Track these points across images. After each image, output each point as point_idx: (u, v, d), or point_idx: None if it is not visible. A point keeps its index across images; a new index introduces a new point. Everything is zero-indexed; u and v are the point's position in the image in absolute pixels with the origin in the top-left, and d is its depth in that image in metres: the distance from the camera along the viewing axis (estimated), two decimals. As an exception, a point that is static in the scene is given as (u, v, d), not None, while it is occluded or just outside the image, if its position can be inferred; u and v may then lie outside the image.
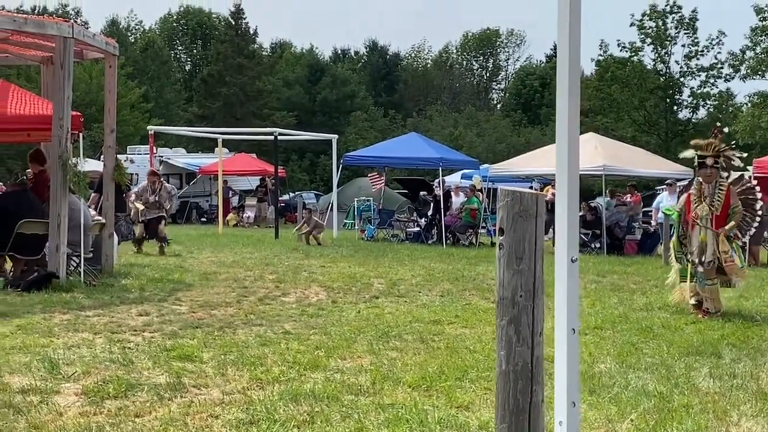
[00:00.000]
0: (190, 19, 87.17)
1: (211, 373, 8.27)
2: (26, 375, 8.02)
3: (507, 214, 3.31)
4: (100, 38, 18.58)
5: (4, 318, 11.16)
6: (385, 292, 14.91)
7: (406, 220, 31.31)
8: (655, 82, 60.32)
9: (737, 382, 8.16)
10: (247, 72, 73.94)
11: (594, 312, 12.82)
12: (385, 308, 12.93)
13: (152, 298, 13.61)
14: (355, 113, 77.99)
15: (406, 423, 6.52)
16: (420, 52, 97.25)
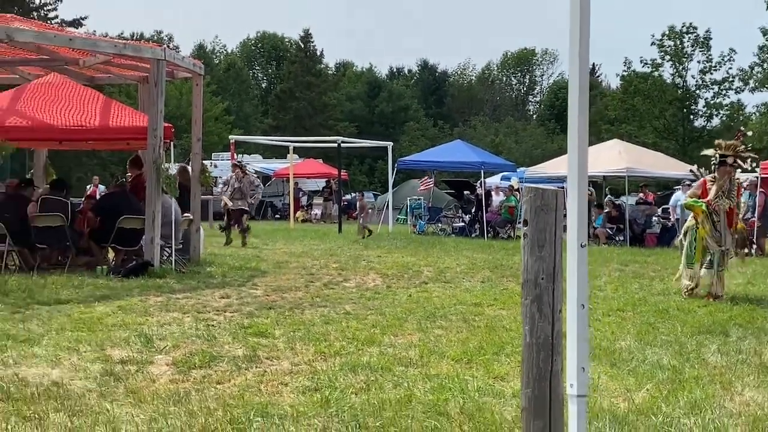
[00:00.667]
0: (266, 43, 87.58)
1: (281, 347, 8.42)
2: (125, 348, 8.22)
3: (530, 208, 3.35)
4: (189, 60, 18.79)
5: (107, 300, 11.37)
6: (433, 279, 14.93)
7: (452, 216, 31.23)
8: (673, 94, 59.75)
9: (742, 357, 8.15)
10: (314, 88, 74.21)
11: (617, 296, 12.77)
12: (433, 292, 12.96)
13: (233, 283, 13.78)
14: (408, 123, 77.88)
15: (449, 391, 6.58)
16: (465, 69, 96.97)
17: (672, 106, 59.54)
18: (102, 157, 43.04)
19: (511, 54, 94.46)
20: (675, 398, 6.48)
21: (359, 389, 6.62)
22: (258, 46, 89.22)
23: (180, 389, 6.61)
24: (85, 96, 17.05)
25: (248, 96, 78.67)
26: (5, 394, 6.35)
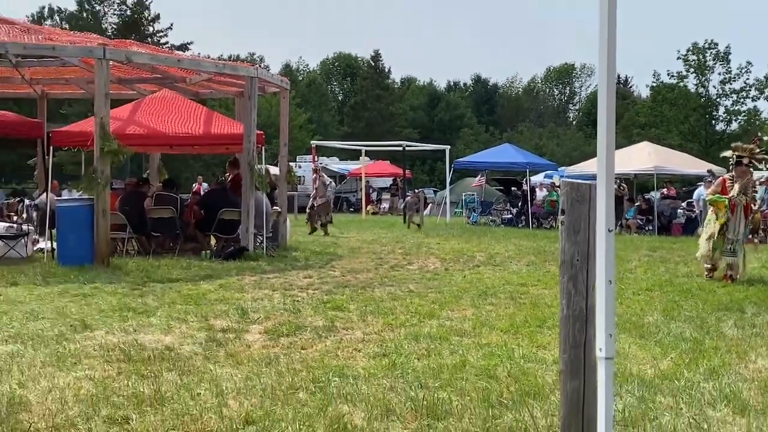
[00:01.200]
0: (341, 62, 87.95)
1: (355, 320, 8.49)
2: (225, 319, 8.36)
3: (567, 200, 3.36)
4: (277, 77, 18.97)
5: (209, 279, 11.56)
6: (485, 263, 14.88)
7: (501, 209, 31.04)
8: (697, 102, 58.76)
9: (756, 331, 8.03)
10: (383, 100, 74.34)
11: (645, 278, 12.61)
12: (484, 274, 12.91)
13: (314, 265, 13.87)
14: (463, 129, 77.53)
15: (498, 357, 6.59)
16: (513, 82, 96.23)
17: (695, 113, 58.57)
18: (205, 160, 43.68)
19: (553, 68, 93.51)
20: (696, 365, 6.43)
21: (421, 355, 6.69)
22: (335, 65, 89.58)
23: (270, 353, 6.75)
24: (191, 108, 17.34)
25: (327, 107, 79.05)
26: (127, 356, 6.54)
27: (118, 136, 13.84)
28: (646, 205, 26.65)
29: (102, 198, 13.25)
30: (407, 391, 5.50)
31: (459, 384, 5.72)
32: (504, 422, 4.86)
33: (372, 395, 5.40)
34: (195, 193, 23.44)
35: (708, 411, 5.21)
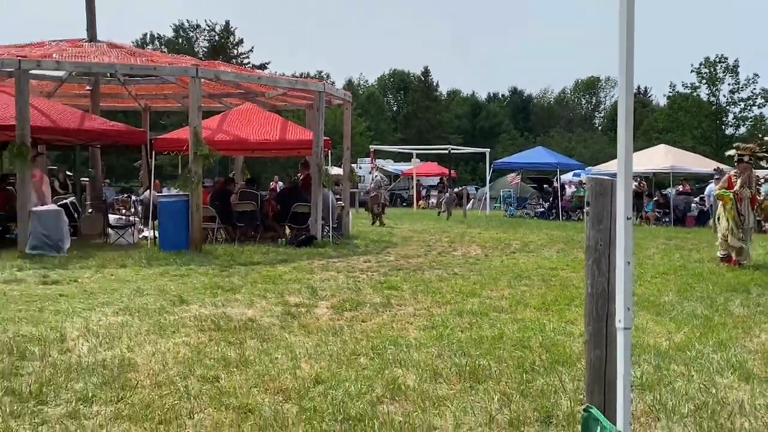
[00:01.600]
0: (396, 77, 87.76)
1: (407, 297, 8.50)
2: (298, 296, 8.46)
3: (591, 193, 3.34)
4: (341, 91, 19.10)
5: (284, 262, 11.67)
6: (520, 249, 14.78)
7: (535, 204, 30.83)
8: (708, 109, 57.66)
9: (760, 309, 7.91)
10: (431, 110, 74.08)
11: (662, 263, 12.41)
12: (519, 259, 12.82)
13: (372, 251, 13.92)
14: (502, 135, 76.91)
15: (531, 330, 6.57)
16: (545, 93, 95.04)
17: (707, 119, 57.49)
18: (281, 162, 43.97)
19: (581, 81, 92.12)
20: (705, 339, 6.35)
21: (464, 328, 6.70)
22: (390, 80, 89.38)
23: (336, 325, 6.83)
24: (269, 118, 17.57)
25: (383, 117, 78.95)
26: (216, 326, 6.67)
27: (208, 142, 14.10)
28: (663, 199, 26.30)
29: (195, 194, 13.54)
30: (452, 358, 5.54)
31: (497, 353, 5.73)
32: (536, 385, 4.87)
33: (422, 361, 5.45)
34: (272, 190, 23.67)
35: (716, 378, 5.15)
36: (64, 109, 16.30)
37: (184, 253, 12.57)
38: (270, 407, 4.40)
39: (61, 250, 12.36)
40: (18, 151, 12.79)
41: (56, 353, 5.62)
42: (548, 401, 4.53)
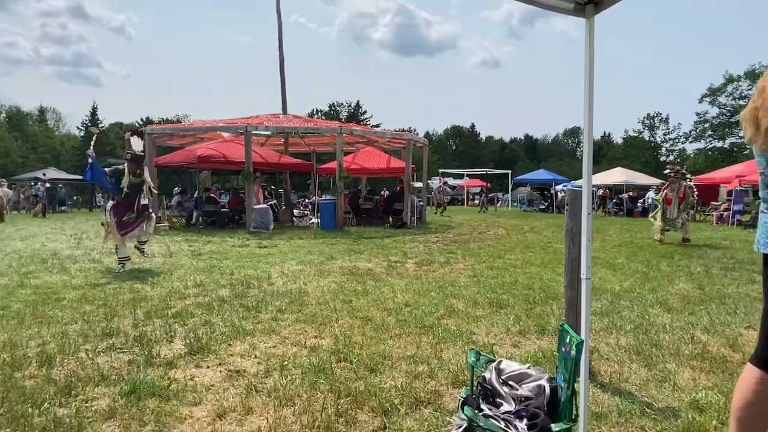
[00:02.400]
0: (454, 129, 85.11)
1: (459, 258, 8.35)
2: (396, 256, 8.41)
3: (569, 197, 3.25)
4: (422, 138, 18.94)
5: (389, 237, 11.62)
6: (528, 231, 14.19)
7: (538, 203, 29.69)
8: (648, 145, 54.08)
9: (679, 269, 7.32)
10: (475, 148, 72.44)
11: (617, 239, 11.66)
12: (528, 236, 12.34)
13: (439, 231, 13.71)
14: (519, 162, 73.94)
15: (534, 278, 6.36)
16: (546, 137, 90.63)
17: (648, 151, 53.92)
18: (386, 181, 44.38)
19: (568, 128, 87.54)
20: (643, 286, 5.98)
21: (493, 276, 6.55)
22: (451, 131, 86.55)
23: (418, 273, 6.81)
24: (381, 155, 17.70)
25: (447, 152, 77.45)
26: (351, 272, 6.76)
27: (347, 169, 14.43)
28: (619, 201, 24.77)
29: (339, 199, 13.87)
30: (485, 294, 5.47)
31: (513, 291, 5.62)
32: (536, 311, 4.75)
33: (467, 295, 5.41)
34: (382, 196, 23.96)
35: (649, 309, 4.86)
36: (269, 152, 17.05)
37: (333, 232, 12.87)
38: (379, 318, 4.50)
39: (268, 230, 12.97)
40: (245, 176, 13.50)
41: (265, 285, 5.88)
42: (543, 321, 4.43)
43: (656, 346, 3.77)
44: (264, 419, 2.63)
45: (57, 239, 10.96)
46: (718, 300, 5.29)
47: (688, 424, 2.56)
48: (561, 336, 1.98)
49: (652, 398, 2.89)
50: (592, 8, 2.15)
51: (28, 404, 2.74)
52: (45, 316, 4.48)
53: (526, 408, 1.63)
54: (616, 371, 3.30)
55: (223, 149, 14.86)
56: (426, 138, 21.10)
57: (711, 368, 3.35)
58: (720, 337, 4.01)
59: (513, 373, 1.81)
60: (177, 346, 3.74)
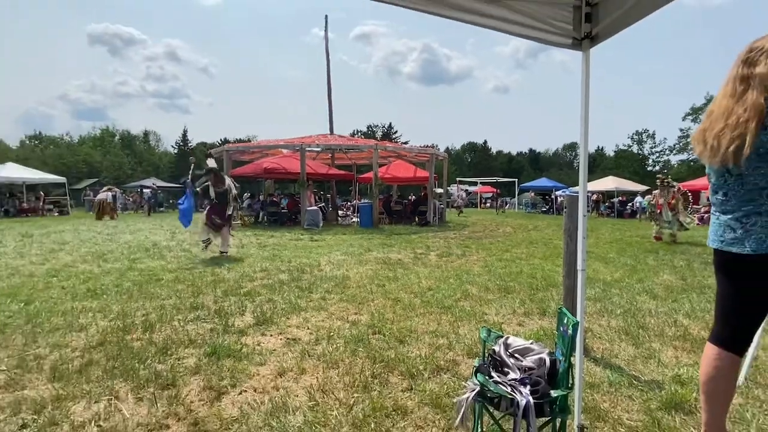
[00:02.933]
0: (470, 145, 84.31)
1: (473, 251, 8.11)
2: (421, 249, 8.23)
3: (567, 201, 3.14)
4: (443, 153, 18.57)
5: (415, 234, 11.38)
6: (532, 229, 13.69)
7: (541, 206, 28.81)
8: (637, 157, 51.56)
9: (664, 262, 6.95)
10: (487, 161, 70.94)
11: (609, 237, 11.15)
12: (532, 233, 11.89)
13: (456, 229, 13.41)
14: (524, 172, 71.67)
15: (537, 269, 6.17)
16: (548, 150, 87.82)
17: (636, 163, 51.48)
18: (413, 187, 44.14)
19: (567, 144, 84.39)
20: (632, 276, 5.71)
21: (502, 267, 6.37)
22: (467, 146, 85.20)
23: (439, 263, 6.70)
24: (409, 167, 17.55)
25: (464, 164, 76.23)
26: (384, 262, 6.70)
27: (381, 178, 14.42)
28: (611, 204, 23.73)
29: (375, 201, 13.87)
30: (495, 281, 5.35)
31: (519, 279, 5.47)
32: (538, 296, 4.61)
33: (480, 282, 5.31)
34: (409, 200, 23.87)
35: (637, 297, 4.64)
36: (320, 164, 17.27)
37: (370, 229, 12.81)
38: (407, 299, 4.46)
39: (318, 227, 13.09)
40: (300, 183, 13.72)
41: (316, 271, 5.90)
42: (544, 304, 4.30)
43: (643, 328, 3.60)
44: (315, 378, 2.67)
45: (156, 233, 11.44)
46: (699, 290, 4.99)
47: (671, 395, 2.44)
48: (560, 317, 1.93)
49: (639, 372, 2.76)
50: (588, 42, 2.08)
51: (135, 360, 2.89)
52: (148, 293, 4.70)
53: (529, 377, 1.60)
54: (607, 348, 3.17)
55: (283, 163, 15.17)
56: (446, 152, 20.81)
57: (692, 348, 3.17)
58: (700, 322, 3.79)
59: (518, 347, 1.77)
60: (247, 318, 3.85)
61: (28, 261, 6.53)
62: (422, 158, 19.48)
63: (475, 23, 2.00)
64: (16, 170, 20.07)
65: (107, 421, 2.22)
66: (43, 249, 7.87)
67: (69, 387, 2.54)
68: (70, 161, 41.83)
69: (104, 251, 7.67)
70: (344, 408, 2.34)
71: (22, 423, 2.19)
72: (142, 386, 2.57)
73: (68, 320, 3.72)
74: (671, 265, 6.68)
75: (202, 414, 2.30)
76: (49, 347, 3.13)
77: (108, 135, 50.81)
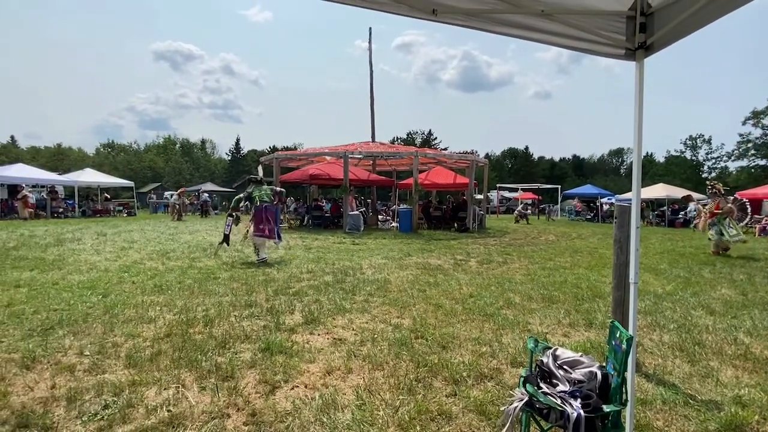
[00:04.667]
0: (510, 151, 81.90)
1: (515, 258, 7.86)
2: (461, 255, 8.11)
3: (618, 211, 3.01)
4: (482, 159, 18.18)
5: (454, 240, 11.24)
6: (576, 237, 13.08)
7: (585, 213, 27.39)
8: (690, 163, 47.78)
9: (721, 275, 6.41)
10: (528, 167, 68.59)
11: (659, 247, 10.38)
12: (576, 242, 11.40)
13: (497, 236, 13.11)
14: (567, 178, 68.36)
15: (582, 279, 5.92)
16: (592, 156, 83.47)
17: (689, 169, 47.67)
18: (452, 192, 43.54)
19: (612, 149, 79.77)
20: (685, 289, 5.32)
21: (545, 276, 6.16)
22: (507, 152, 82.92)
23: (479, 269, 6.58)
24: (448, 173, 17.36)
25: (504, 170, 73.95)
26: (424, 267, 6.62)
27: (421, 184, 14.37)
28: (661, 212, 22.17)
29: (414, 207, 13.83)
30: (538, 290, 5.19)
31: (563, 289, 5.27)
32: (584, 307, 4.43)
33: (523, 290, 5.17)
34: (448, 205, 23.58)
35: (691, 311, 4.32)
36: (362, 170, 17.51)
37: (409, 234, 12.78)
38: (448, 305, 4.43)
39: (360, 231, 13.23)
40: (343, 189, 13.99)
41: (358, 274, 5.95)
42: (590, 316, 4.12)
43: (699, 345, 3.35)
44: (361, 378, 2.74)
45: (212, 234, 12.06)
46: (761, 306, 4.56)
47: (731, 417, 2.26)
48: (611, 331, 1.86)
49: (696, 391, 2.58)
50: (642, 53, 2.00)
51: (198, 352, 3.09)
52: (207, 290, 4.98)
53: (580, 389, 1.56)
54: (660, 364, 2.99)
55: (327, 169, 15.54)
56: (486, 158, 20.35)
57: (754, 368, 2.91)
58: (764, 340, 3.47)
59: (567, 359, 1.74)
60: (296, 317, 4.00)
61: (104, 258, 7.01)
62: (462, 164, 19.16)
63: (526, 38, 1.99)
64: (93, 175, 22.11)
65: (176, 407, 2.40)
66: (116, 247, 8.52)
67: (142, 374, 2.75)
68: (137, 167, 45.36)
69: (167, 250, 8.21)
70: (390, 409, 2.38)
71: (104, 404, 2.42)
72: (205, 377, 2.74)
73: (139, 312, 4.04)
74: (730, 279, 6.15)
75: (259, 406, 2.42)
76: (124, 336, 3.41)
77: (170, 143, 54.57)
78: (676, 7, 1.84)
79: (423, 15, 1.85)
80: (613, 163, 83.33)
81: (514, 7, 1.90)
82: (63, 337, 3.34)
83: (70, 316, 3.85)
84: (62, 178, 20.69)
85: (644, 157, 65.95)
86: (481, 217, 16.03)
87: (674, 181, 43.64)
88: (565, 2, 1.91)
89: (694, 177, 47.43)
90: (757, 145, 40.55)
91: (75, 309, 4.05)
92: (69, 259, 6.78)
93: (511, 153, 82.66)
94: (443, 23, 1.91)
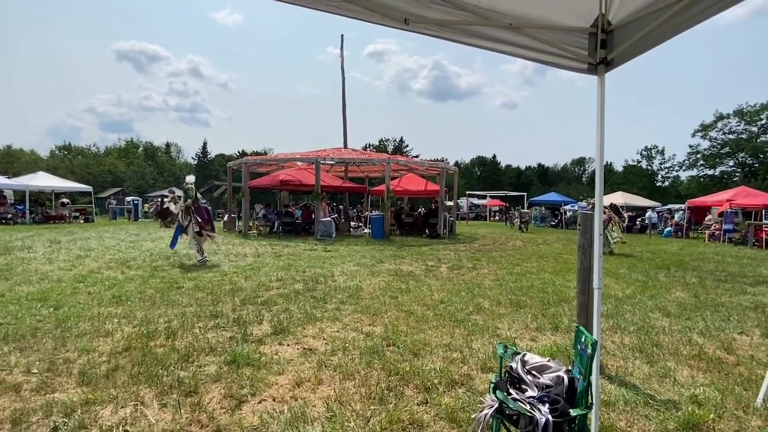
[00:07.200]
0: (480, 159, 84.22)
1: (484, 264, 7.97)
2: (432, 261, 8.08)
3: (581, 218, 3.12)
4: (452, 167, 18.43)
5: (425, 246, 11.24)
6: (541, 243, 13.54)
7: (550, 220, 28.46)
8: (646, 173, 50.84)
9: (675, 278, 6.77)
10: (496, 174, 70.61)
11: (621, 252, 11.00)
12: (541, 247, 11.71)
13: (467, 242, 13.24)
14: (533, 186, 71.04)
15: (548, 284, 6.07)
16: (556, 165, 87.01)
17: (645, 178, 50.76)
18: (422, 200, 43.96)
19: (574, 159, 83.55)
20: (643, 293, 5.59)
21: (513, 281, 6.28)
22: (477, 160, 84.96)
23: (450, 276, 6.61)
24: (419, 180, 17.55)
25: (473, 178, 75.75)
26: (395, 274, 6.59)
27: (393, 191, 14.40)
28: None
29: (386, 213, 13.83)
30: (506, 295, 5.28)
31: (530, 294, 5.40)
32: (550, 312, 4.55)
33: (492, 295, 5.24)
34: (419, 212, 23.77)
35: (650, 314, 4.54)
36: (333, 177, 17.37)
37: (381, 240, 12.72)
38: (420, 311, 4.43)
39: (332, 237, 13.07)
40: (315, 195, 13.81)
41: (329, 282, 5.88)
42: (556, 320, 4.23)
43: (657, 346, 3.52)
44: (332, 389, 2.67)
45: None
46: (713, 308, 4.86)
47: (688, 416, 2.37)
48: (577, 335, 1.90)
49: (655, 391, 2.69)
50: (603, 68, 2.09)
51: (159, 367, 2.92)
52: (170, 300, 4.74)
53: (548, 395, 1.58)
54: (622, 366, 3.11)
55: (298, 175, 15.34)
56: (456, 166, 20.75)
57: (708, 368, 3.08)
58: (715, 341, 3.68)
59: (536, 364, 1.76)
60: (265, 327, 3.87)
61: (57, 267, 6.65)
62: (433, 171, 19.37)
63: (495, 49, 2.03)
64: (46, 179, 20.65)
65: (134, 426, 2.24)
66: (70, 255, 8.02)
67: (97, 391, 2.57)
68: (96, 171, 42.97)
69: (127, 258, 7.78)
70: (361, 420, 2.32)
71: (53, 426, 2.23)
72: (166, 392, 2.58)
73: (95, 325, 3.77)
74: (683, 282, 6.52)
75: (224, 422, 2.31)
76: (78, 351, 3.18)
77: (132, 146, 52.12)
78: (634, 26, 1.94)
79: (395, 24, 1.85)
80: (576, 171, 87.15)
81: (484, 20, 1.94)
82: (8, 353, 3.10)
83: (17, 330, 3.56)
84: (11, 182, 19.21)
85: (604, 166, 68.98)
86: (451, 224, 16.22)
87: (632, 189, 46.15)
88: (532, 17, 1.97)
89: (650, 185, 50.49)
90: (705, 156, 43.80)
91: (22, 323, 3.76)
92: (17, 268, 6.32)
93: (480, 161, 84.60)
94: (415, 32, 1.92)
